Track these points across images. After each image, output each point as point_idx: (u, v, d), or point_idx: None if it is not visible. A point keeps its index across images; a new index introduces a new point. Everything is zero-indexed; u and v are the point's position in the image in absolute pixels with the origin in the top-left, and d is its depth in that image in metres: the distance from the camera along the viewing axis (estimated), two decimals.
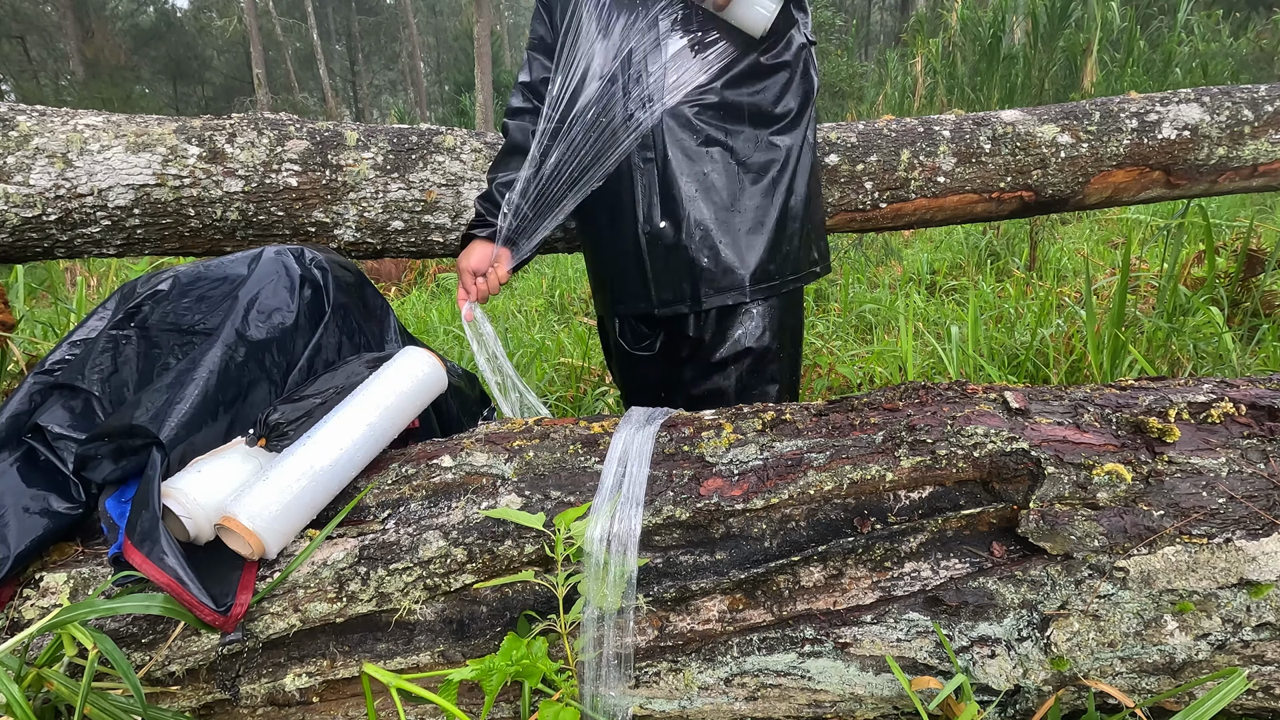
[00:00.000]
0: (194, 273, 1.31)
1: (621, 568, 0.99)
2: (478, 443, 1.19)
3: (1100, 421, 1.13)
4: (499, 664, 0.92)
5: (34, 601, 1.04)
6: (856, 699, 1.06)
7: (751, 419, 1.19)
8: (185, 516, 1.03)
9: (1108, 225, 5.42)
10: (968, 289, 3.82)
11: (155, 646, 1.03)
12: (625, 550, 1.00)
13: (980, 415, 1.12)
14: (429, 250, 2.02)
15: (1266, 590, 1.00)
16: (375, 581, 1.04)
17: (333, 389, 1.21)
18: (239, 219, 1.89)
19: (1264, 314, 2.84)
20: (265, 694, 1.04)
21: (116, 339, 1.24)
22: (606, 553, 0.99)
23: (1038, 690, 1.02)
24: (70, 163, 1.79)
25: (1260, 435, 1.09)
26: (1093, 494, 1.04)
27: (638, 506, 1.03)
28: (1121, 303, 2.45)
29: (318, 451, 1.10)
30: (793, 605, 1.05)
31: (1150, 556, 1.01)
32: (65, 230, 1.83)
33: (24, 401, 1.19)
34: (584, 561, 1.00)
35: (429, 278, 5.66)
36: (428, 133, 2.01)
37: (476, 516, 1.08)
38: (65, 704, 0.98)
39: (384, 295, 1.52)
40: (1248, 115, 2.18)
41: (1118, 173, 2.17)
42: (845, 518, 1.07)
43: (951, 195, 2.12)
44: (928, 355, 2.87)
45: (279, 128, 1.93)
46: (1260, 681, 1.03)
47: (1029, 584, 1.03)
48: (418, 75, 28.51)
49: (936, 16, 11.85)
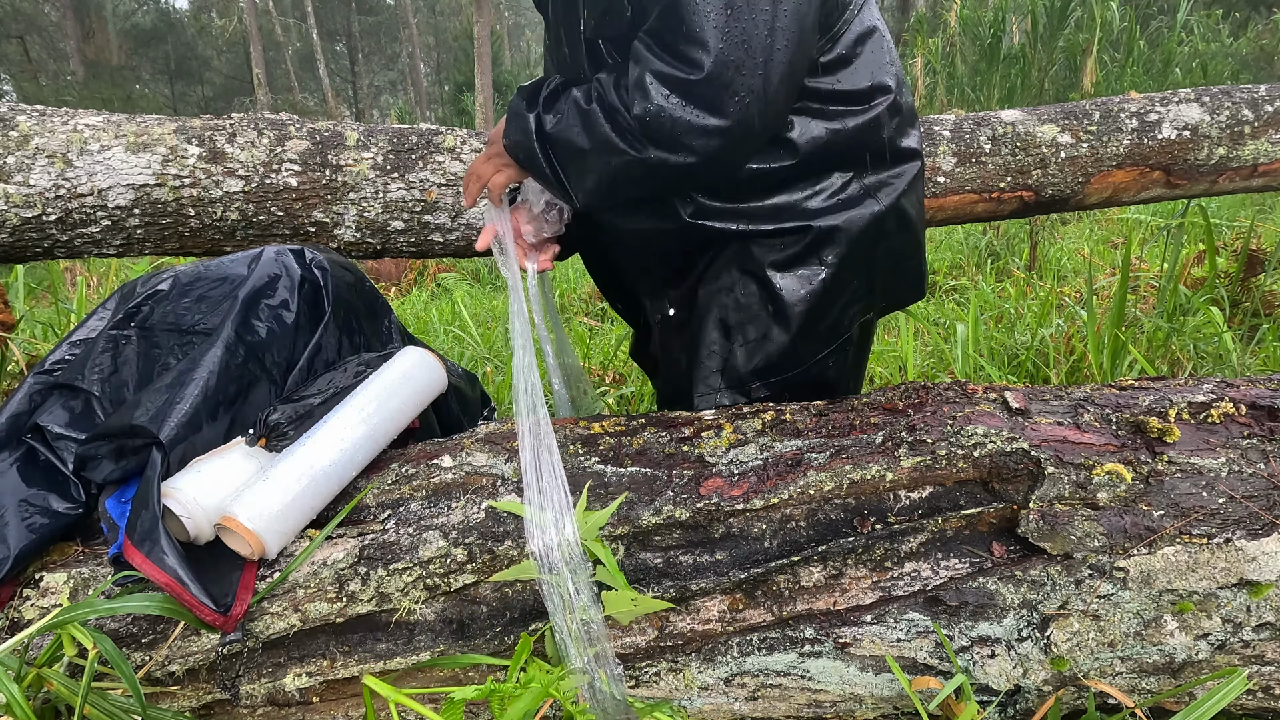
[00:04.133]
0: (194, 273, 1.31)
1: (583, 575, 0.99)
2: (478, 443, 1.19)
3: (1100, 421, 1.13)
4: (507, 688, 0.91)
5: (34, 601, 1.04)
6: (856, 699, 1.06)
7: (751, 419, 1.19)
8: (185, 516, 1.03)
9: (1108, 225, 5.42)
10: (968, 289, 3.82)
11: (155, 646, 1.03)
12: (574, 560, 0.99)
13: (980, 415, 1.12)
14: (429, 250, 2.02)
15: (1266, 590, 1.00)
16: (375, 581, 1.04)
17: (333, 389, 1.21)
18: (239, 219, 1.89)
19: (1264, 314, 2.84)
20: (265, 694, 1.04)
21: (116, 339, 1.24)
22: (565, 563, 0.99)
23: (1038, 690, 1.02)
24: (70, 163, 1.79)
25: (1260, 435, 1.10)
26: (1093, 494, 1.04)
27: (568, 511, 1.02)
28: (1121, 303, 2.45)
29: (318, 451, 1.10)
30: (793, 605, 1.05)
31: (1150, 556, 1.01)
32: (65, 230, 1.83)
33: (24, 401, 1.19)
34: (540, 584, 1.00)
35: (429, 278, 5.65)
36: (428, 133, 2.01)
37: (476, 516, 1.08)
38: (65, 704, 0.98)
39: (384, 295, 1.52)
40: (1248, 115, 2.18)
41: (1118, 173, 2.17)
42: (845, 518, 1.07)
43: (951, 195, 2.12)
44: (928, 355, 2.87)
45: (279, 128, 1.93)
46: (1260, 681, 1.04)
47: (1029, 584, 1.03)
48: (418, 75, 28.51)
49: (936, 16, 11.85)
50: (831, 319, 1.28)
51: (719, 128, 1.04)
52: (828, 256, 1.23)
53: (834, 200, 1.22)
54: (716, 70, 1.01)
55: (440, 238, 1.99)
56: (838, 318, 1.29)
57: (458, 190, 1.94)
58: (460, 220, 1.97)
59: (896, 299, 1.41)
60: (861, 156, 1.23)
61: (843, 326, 1.30)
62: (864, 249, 1.24)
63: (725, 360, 1.29)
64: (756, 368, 1.28)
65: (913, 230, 1.30)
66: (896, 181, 1.25)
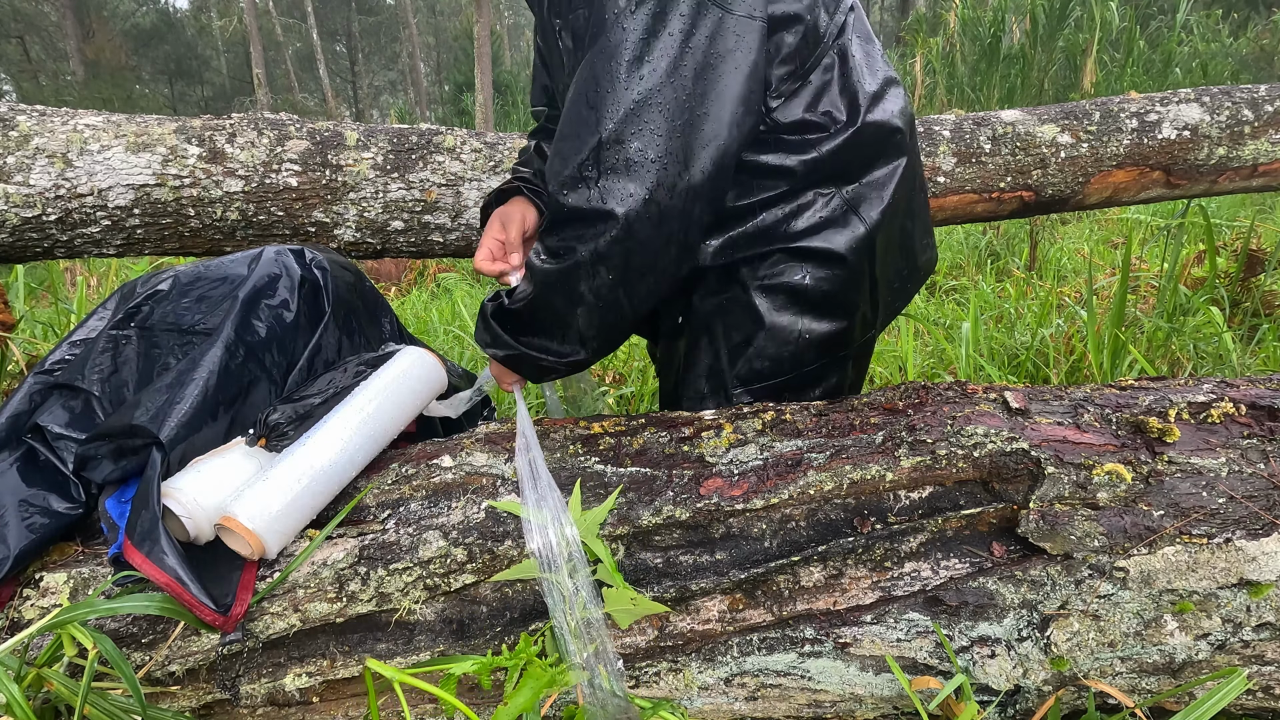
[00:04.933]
0: (194, 273, 1.31)
1: (583, 575, 0.99)
2: (478, 443, 1.19)
3: (1100, 421, 1.13)
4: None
5: (34, 601, 1.04)
6: (856, 699, 1.06)
7: (751, 419, 1.19)
8: (185, 516, 1.03)
9: (1108, 225, 5.43)
10: (968, 289, 3.82)
11: (155, 646, 1.03)
12: (575, 557, 0.99)
13: (980, 415, 1.12)
14: (429, 250, 2.02)
15: (1266, 590, 1.00)
16: (375, 581, 1.04)
17: (333, 389, 1.21)
18: (239, 219, 1.89)
19: (1264, 314, 2.84)
20: (265, 694, 1.04)
21: (116, 339, 1.24)
22: (568, 562, 0.99)
23: (1038, 690, 1.02)
24: (70, 163, 1.79)
25: (1260, 435, 1.10)
26: (1093, 494, 1.04)
27: (562, 510, 1.02)
28: (1121, 303, 2.45)
29: (318, 451, 1.10)
30: (793, 605, 1.05)
31: (1150, 556, 1.01)
32: (65, 230, 1.83)
33: (24, 401, 1.19)
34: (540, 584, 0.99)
35: (429, 278, 5.65)
36: (428, 133, 2.01)
37: (476, 516, 1.08)
38: (65, 704, 0.98)
39: (384, 295, 1.52)
40: (1248, 115, 2.18)
41: (1118, 173, 2.17)
42: (845, 518, 1.07)
43: (951, 195, 2.12)
44: (928, 355, 2.87)
45: (279, 128, 1.93)
46: (1260, 681, 1.03)
47: (1029, 584, 1.03)
48: (418, 75, 28.51)
49: (936, 16, 11.85)
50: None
51: (623, 214, 1.01)
52: (817, 272, 1.22)
53: (817, 220, 1.20)
54: (614, 144, 1.00)
55: (440, 238, 1.99)
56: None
57: (458, 190, 1.94)
58: (460, 220, 1.97)
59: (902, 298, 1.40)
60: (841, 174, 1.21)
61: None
62: (853, 266, 1.23)
63: (711, 366, 1.30)
64: (740, 374, 1.28)
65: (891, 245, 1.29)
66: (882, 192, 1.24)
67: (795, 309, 1.23)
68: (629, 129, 1.00)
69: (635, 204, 1.01)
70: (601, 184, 1.01)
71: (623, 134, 1.00)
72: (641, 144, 1.00)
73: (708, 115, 1.03)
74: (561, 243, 1.05)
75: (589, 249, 1.04)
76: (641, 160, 1.00)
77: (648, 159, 1.00)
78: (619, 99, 1.00)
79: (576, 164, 1.02)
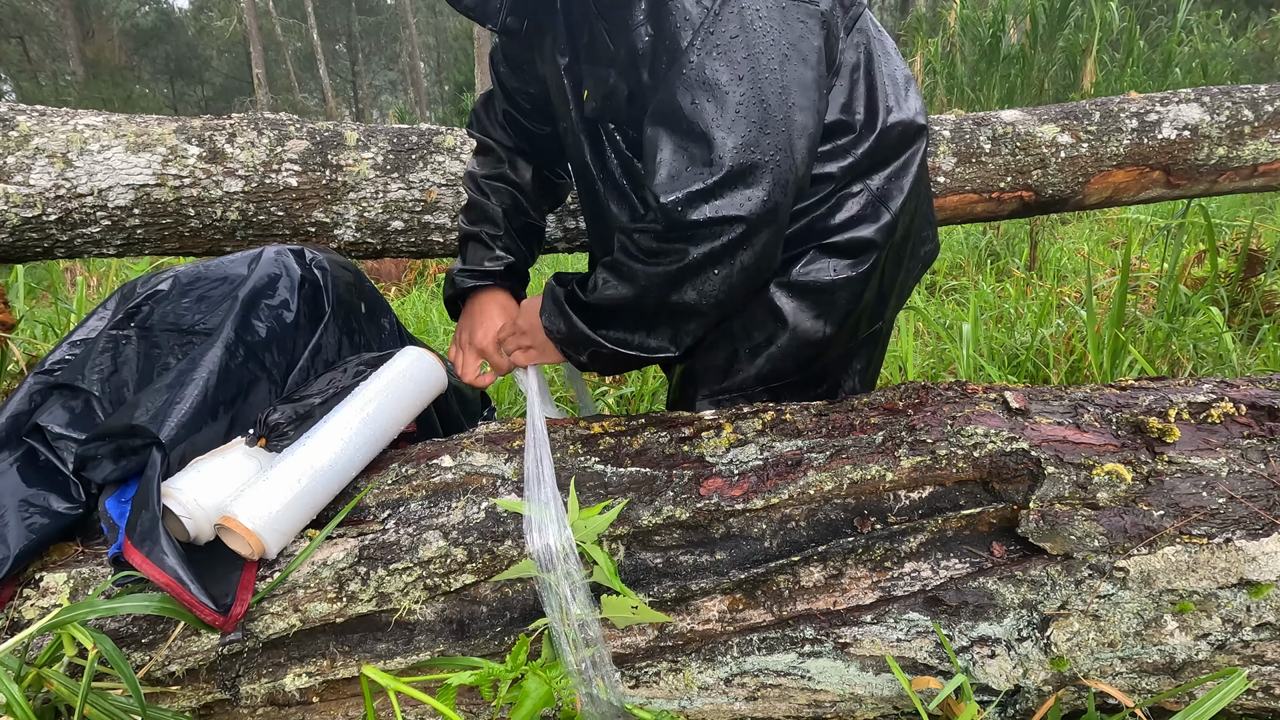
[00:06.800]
0: (194, 273, 1.31)
1: (579, 576, 0.99)
2: (478, 443, 1.19)
3: (1100, 421, 1.13)
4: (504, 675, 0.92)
5: (34, 601, 1.04)
6: (856, 699, 1.06)
7: (751, 419, 1.19)
8: (185, 516, 1.03)
9: (1108, 225, 5.42)
10: (968, 289, 3.82)
11: (155, 646, 1.03)
12: (569, 557, 0.99)
13: (980, 415, 1.12)
14: (429, 250, 2.02)
15: (1266, 590, 1.00)
16: (375, 581, 1.04)
17: (333, 389, 1.21)
18: (239, 219, 1.88)
19: (1264, 314, 2.84)
20: (265, 694, 1.04)
21: (116, 339, 1.24)
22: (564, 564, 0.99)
23: (1038, 690, 1.02)
24: (70, 163, 1.79)
25: (1260, 435, 1.10)
26: (1093, 494, 1.04)
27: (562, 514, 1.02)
28: (1121, 303, 2.45)
29: (318, 451, 1.10)
30: (793, 605, 1.05)
31: (1150, 556, 1.01)
32: (65, 230, 1.83)
33: (24, 401, 1.19)
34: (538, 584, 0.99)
35: (429, 278, 5.65)
36: (428, 133, 2.01)
37: (477, 516, 1.08)
38: (65, 704, 0.98)
39: (384, 295, 1.52)
40: (1248, 115, 2.18)
41: (1118, 173, 2.17)
42: (845, 518, 1.07)
43: (951, 195, 2.12)
44: (928, 355, 2.87)
45: (279, 128, 1.93)
46: (1260, 681, 1.03)
47: (1029, 584, 1.03)
48: (418, 75, 28.51)
49: (936, 16, 11.84)
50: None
51: (745, 217, 1.01)
52: (843, 265, 1.23)
53: (849, 216, 1.22)
54: (733, 161, 0.99)
55: (440, 238, 1.99)
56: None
57: (458, 190, 1.94)
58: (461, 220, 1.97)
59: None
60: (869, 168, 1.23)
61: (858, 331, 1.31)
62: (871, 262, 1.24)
63: (727, 363, 1.30)
64: (761, 372, 1.28)
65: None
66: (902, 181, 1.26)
67: (819, 307, 1.24)
68: (737, 135, 0.99)
69: (755, 205, 1.01)
70: (722, 193, 1.01)
71: (733, 141, 0.99)
72: (753, 146, 1.00)
73: (796, 105, 1.03)
74: (668, 245, 1.05)
75: (703, 250, 1.04)
76: (758, 162, 1.00)
77: (762, 160, 1.00)
78: (722, 106, 0.99)
79: (694, 179, 1.01)
